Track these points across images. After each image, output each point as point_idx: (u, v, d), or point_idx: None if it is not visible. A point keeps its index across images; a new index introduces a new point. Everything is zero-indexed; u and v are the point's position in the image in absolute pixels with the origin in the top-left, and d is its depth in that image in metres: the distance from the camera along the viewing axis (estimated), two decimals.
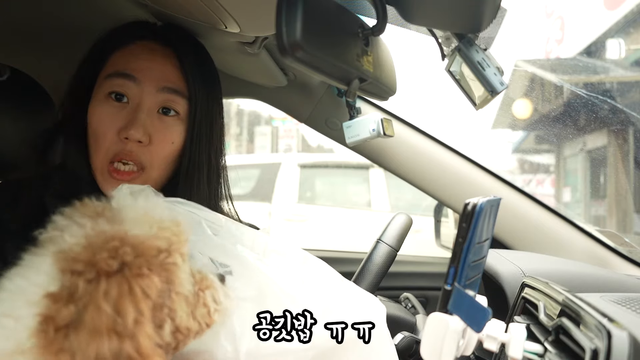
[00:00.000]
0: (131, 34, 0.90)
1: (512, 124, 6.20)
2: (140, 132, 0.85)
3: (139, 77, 0.86)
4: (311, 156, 7.29)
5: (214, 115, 0.94)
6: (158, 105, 0.88)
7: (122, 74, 0.86)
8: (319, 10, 0.51)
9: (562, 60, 7.13)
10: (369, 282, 1.21)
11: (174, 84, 0.88)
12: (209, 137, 0.93)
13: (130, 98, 0.87)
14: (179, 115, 0.89)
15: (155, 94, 0.87)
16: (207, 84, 0.93)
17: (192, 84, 0.89)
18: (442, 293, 0.55)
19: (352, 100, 1.31)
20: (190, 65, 0.90)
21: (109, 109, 0.87)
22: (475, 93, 0.78)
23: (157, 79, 0.87)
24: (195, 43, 0.95)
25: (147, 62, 0.87)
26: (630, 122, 4.66)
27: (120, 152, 0.86)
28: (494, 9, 0.62)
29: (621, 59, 5.81)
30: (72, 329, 0.49)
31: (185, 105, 0.89)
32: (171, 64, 0.89)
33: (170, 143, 0.89)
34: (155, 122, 0.87)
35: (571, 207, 6.80)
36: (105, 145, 0.86)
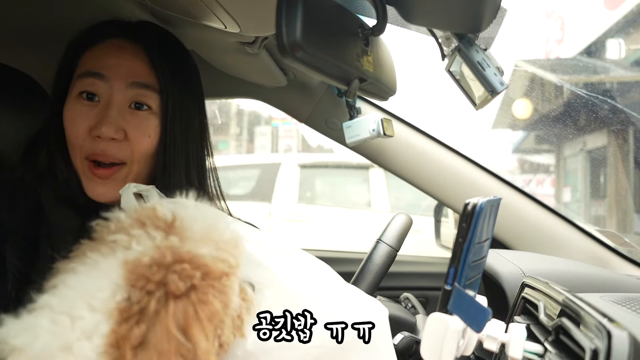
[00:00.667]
0: (101, 33, 0.90)
1: (512, 124, 6.20)
2: (111, 130, 0.84)
3: (107, 75, 0.86)
4: (311, 156, 7.28)
5: (189, 109, 0.92)
6: (129, 100, 0.87)
7: (91, 72, 0.86)
8: (319, 10, 0.51)
9: (562, 60, 7.13)
10: (369, 282, 1.21)
11: (143, 78, 0.87)
12: (184, 132, 0.91)
13: (100, 96, 0.86)
14: (151, 110, 0.88)
15: (124, 90, 0.86)
16: (180, 77, 0.91)
17: (162, 77, 0.88)
18: (442, 293, 0.55)
19: (352, 100, 1.31)
20: (160, 60, 0.89)
21: (80, 108, 0.86)
22: (475, 93, 0.78)
23: (126, 75, 0.86)
24: (166, 38, 0.94)
25: (116, 59, 0.87)
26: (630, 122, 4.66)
27: (94, 152, 0.86)
28: (494, 9, 0.62)
29: (621, 59, 5.81)
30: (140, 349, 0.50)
31: (157, 99, 0.88)
32: (140, 59, 0.88)
33: (147, 137, 0.88)
34: (128, 118, 0.87)
35: (571, 207, 6.80)
36: (78, 144, 0.86)
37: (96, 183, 0.86)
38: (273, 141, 10.91)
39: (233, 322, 0.59)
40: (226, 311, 0.57)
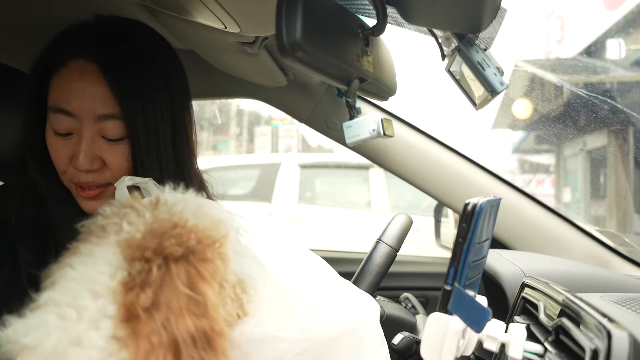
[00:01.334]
0: (63, 54, 0.88)
1: (512, 124, 6.20)
2: (87, 162, 0.86)
3: (74, 111, 0.86)
4: (311, 156, 7.28)
5: (160, 129, 0.90)
6: (99, 132, 0.88)
7: (59, 109, 0.87)
8: (319, 10, 0.51)
9: (562, 60, 7.13)
10: (369, 282, 1.21)
11: (106, 109, 0.86)
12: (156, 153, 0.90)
13: (72, 131, 0.88)
14: (122, 139, 0.88)
15: (93, 125, 0.87)
16: (144, 93, 0.88)
17: (125, 102, 0.87)
18: (442, 293, 0.55)
19: (352, 100, 1.31)
20: (120, 81, 0.87)
21: (58, 141, 0.89)
22: (475, 93, 0.78)
23: (91, 109, 0.86)
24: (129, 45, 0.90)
25: (79, 90, 0.86)
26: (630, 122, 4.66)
27: (77, 180, 0.88)
28: (494, 9, 0.62)
29: (621, 59, 5.81)
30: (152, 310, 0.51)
31: (123, 126, 0.87)
32: (101, 84, 0.86)
33: (125, 161, 0.89)
34: (103, 146, 0.88)
35: (571, 207, 6.80)
36: (62, 170, 0.90)
37: (86, 201, 0.90)
38: (273, 141, 10.91)
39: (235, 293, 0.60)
40: (226, 271, 0.58)
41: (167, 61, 0.94)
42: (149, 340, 0.50)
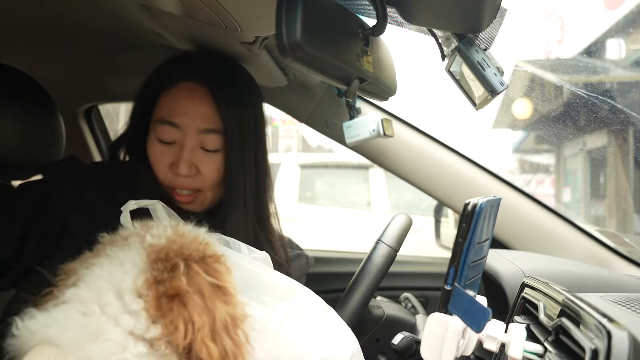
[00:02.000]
0: (174, 78, 1.04)
1: (512, 124, 6.20)
2: (186, 168, 1.01)
3: (180, 124, 1.02)
4: (311, 156, 7.28)
5: (247, 144, 1.06)
6: (199, 143, 1.03)
7: (167, 121, 1.02)
8: (319, 10, 0.51)
9: (562, 60, 7.13)
10: (368, 283, 1.21)
11: (210, 124, 1.02)
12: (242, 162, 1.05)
13: (175, 140, 1.03)
14: (218, 150, 1.04)
15: (195, 136, 1.02)
16: (240, 114, 1.05)
17: (226, 120, 1.03)
18: (442, 293, 0.55)
19: (352, 100, 1.31)
20: (223, 101, 1.03)
21: (160, 149, 1.04)
22: (475, 93, 0.78)
23: (195, 122, 1.02)
24: (231, 74, 1.08)
25: (187, 107, 1.02)
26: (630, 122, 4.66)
27: (175, 185, 1.04)
28: (494, 9, 0.62)
29: (621, 59, 5.81)
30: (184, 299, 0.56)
31: (222, 139, 1.03)
32: (207, 103, 1.02)
33: (215, 170, 1.04)
34: (200, 156, 1.03)
35: (571, 207, 6.80)
36: (161, 175, 1.04)
37: (179, 203, 1.05)
38: (273, 141, 10.91)
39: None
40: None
41: (252, 86, 1.12)
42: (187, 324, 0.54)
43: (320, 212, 5.17)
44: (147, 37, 1.17)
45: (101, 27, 1.19)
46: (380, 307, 1.33)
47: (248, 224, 1.08)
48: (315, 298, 0.85)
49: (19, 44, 1.28)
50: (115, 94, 1.63)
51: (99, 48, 1.32)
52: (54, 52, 1.35)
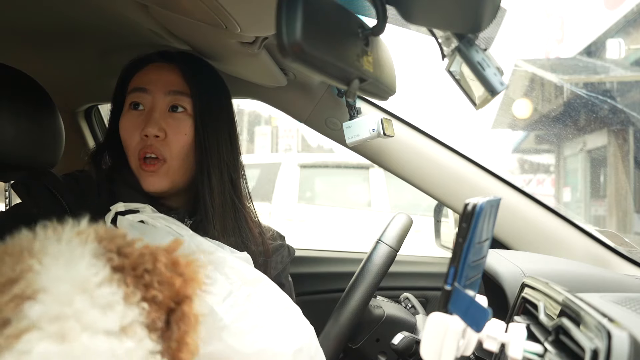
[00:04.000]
0: (146, 60, 1.12)
1: (512, 124, 6.20)
2: (155, 128, 1.04)
3: (149, 88, 1.07)
4: (311, 156, 7.28)
5: (217, 111, 1.11)
6: (167, 105, 1.07)
7: (137, 88, 1.08)
8: (319, 10, 0.51)
9: (562, 60, 7.13)
10: (368, 282, 1.21)
11: (177, 87, 1.08)
12: (214, 131, 1.09)
13: (145, 105, 1.07)
14: (186, 111, 1.08)
15: (163, 98, 1.07)
16: (207, 85, 1.11)
17: (192, 84, 1.08)
18: (442, 293, 0.55)
19: (352, 100, 1.31)
20: (190, 72, 1.09)
21: (131, 117, 1.08)
22: (475, 93, 0.78)
23: (164, 86, 1.07)
24: (195, 57, 1.15)
25: (156, 76, 1.09)
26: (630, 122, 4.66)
27: (144, 147, 1.05)
28: (494, 9, 0.62)
29: (621, 59, 5.81)
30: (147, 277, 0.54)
31: (190, 102, 1.08)
32: (175, 74, 1.09)
33: (183, 135, 1.06)
34: (168, 120, 1.06)
35: (571, 207, 6.80)
36: (132, 146, 1.06)
37: (147, 175, 1.06)
38: (273, 141, 10.91)
39: None
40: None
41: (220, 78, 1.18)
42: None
43: (320, 212, 5.18)
44: (147, 37, 1.17)
45: (101, 27, 1.19)
46: (380, 307, 1.33)
47: (227, 195, 1.09)
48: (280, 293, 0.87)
49: (19, 44, 1.28)
50: None
51: (99, 48, 1.32)
52: (54, 52, 1.35)
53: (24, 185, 1.07)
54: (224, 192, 1.09)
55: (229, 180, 1.11)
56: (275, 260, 1.20)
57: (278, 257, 1.21)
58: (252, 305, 0.79)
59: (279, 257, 1.22)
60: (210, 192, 1.07)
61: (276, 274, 1.19)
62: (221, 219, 1.08)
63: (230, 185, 1.11)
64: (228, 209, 1.09)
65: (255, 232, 1.15)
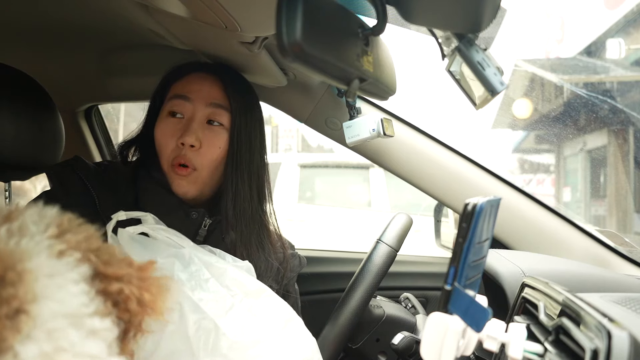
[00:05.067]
0: (187, 69, 1.13)
1: (512, 124, 6.20)
2: (192, 138, 1.06)
3: (191, 97, 1.09)
4: (311, 156, 7.28)
5: (251, 126, 1.13)
6: (206, 117, 1.09)
7: (178, 96, 1.10)
8: (319, 10, 0.51)
9: (562, 60, 7.13)
10: (369, 282, 1.21)
11: (218, 99, 1.10)
12: (249, 144, 1.12)
13: (184, 113, 1.09)
14: (223, 126, 1.10)
15: (204, 109, 1.09)
16: (244, 100, 1.13)
17: (232, 99, 1.11)
18: (442, 293, 0.55)
19: (352, 100, 1.31)
20: (231, 87, 1.12)
21: (169, 124, 1.09)
22: (475, 93, 0.78)
23: (205, 97, 1.09)
24: (234, 72, 1.17)
25: (198, 86, 1.10)
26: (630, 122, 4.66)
27: (178, 156, 1.07)
28: (494, 9, 0.62)
29: (621, 59, 5.81)
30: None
31: (228, 117, 1.10)
32: (217, 86, 1.11)
33: (217, 147, 1.09)
34: (205, 131, 1.08)
35: (571, 207, 6.80)
36: (167, 152, 1.08)
37: (179, 178, 1.08)
38: (273, 141, 10.92)
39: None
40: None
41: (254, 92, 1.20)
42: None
43: (320, 212, 5.17)
44: (147, 37, 1.17)
45: (101, 27, 1.19)
46: (380, 307, 1.33)
47: (253, 205, 1.12)
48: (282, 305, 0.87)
49: (19, 44, 1.28)
50: (115, 94, 1.63)
51: (99, 48, 1.33)
52: (54, 52, 1.35)
53: (56, 174, 1.09)
54: (252, 205, 1.12)
55: (257, 194, 1.14)
56: (287, 270, 1.22)
57: (289, 266, 1.23)
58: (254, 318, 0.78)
59: (291, 266, 1.24)
60: (233, 198, 1.09)
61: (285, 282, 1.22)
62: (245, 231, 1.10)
63: (257, 199, 1.14)
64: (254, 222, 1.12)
65: (276, 243, 1.19)
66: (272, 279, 1.16)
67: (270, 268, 1.15)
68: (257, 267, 1.06)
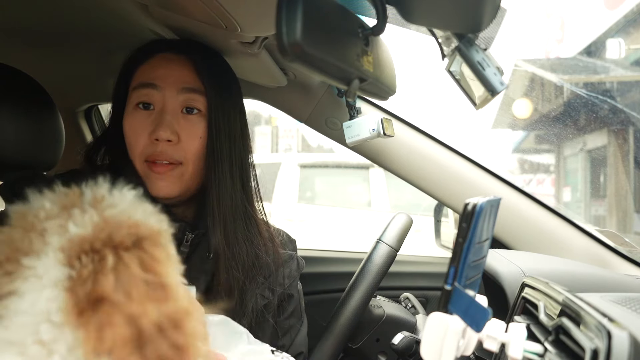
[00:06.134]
0: (151, 50, 1.01)
1: (512, 123, 6.20)
2: (167, 132, 0.94)
3: (159, 84, 0.96)
4: (311, 156, 7.29)
5: (230, 110, 1.02)
6: (180, 105, 0.98)
7: (145, 84, 0.97)
8: (319, 10, 0.51)
9: (562, 60, 7.13)
10: (369, 282, 1.21)
11: (191, 83, 0.98)
12: (228, 131, 1.00)
13: (155, 104, 0.97)
14: (201, 112, 0.99)
15: (176, 96, 0.97)
16: (221, 80, 1.01)
17: (207, 81, 0.98)
18: (442, 293, 0.55)
19: (352, 100, 1.31)
20: (204, 66, 0.99)
21: (139, 117, 0.97)
22: (475, 93, 0.78)
23: (176, 82, 0.97)
24: (207, 48, 1.04)
25: (166, 70, 0.97)
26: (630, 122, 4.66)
27: (153, 154, 0.95)
28: (494, 9, 0.62)
29: (621, 59, 5.81)
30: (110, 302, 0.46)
31: (204, 101, 0.98)
32: (187, 68, 0.98)
33: (198, 138, 0.98)
34: (181, 122, 0.97)
35: (571, 207, 6.80)
36: (139, 149, 0.97)
37: (156, 178, 0.96)
38: (273, 141, 10.92)
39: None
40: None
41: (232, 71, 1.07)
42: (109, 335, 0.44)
43: (320, 212, 5.18)
44: (147, 37, 1.17)
45: (101, 27, 1.19)
46: (380, 307, 1.33)
47: (237, 197, 1.01)
48: None
49: (19, 44, 1.28)
50: None
51: (98, 48, 1.32)
52: (54, 52, 1.35)
53: (9, 189, 0.98)
54: (235, 196, 1.01)
55: (240, 184, 1.03)
56: (283, 275, 1.11)
57: (286, 271, 1.13)
58: None
59: (287, 271, 1.13)
60: (218, 197, 0.98)
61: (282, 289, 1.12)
62: (230, 224, 0.99)
63: (241, 189, 1.03)
64: (238, 214, 1.02)
65: (266, 239, 1.08)
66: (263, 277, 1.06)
67: (260, 263, 1.04)
68: (243, 262, 0.99)
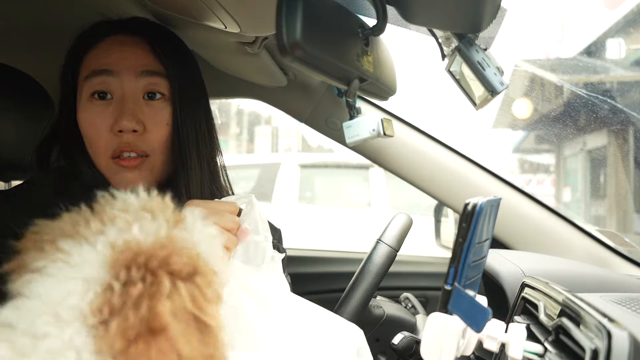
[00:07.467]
0: (99, 33, 0.90)
1: (512, 124, 6.20)
2: (132, 121, 0.84)
3: (115, 70, 0.86)
4: (311, 156, 7.28)
5: (192, 91, 0.93)
6: (142, 91, 0.88)
7: (98, 71, 0.86)
8: (319, 10, 0.51)
9: (562, 60, 7.13)
10: (368, 282, 1.21)
11: (150, 66, 0.88)
12: (193, 115, 0.92)
13: (113, 92, 0.87)
14: (165, 97, 0.89)
15: (135, 81, 0.87)
16: (181, 62, 0.93)
17: (167, 62, 0.89)
18: (442, 293, 0.55)
19: (352, 100, 1.31)
20: (161, 46, 0.90)
21: (96, 109, 0.86)
22: (475, 93, 0.78)
23: (133, 65, 0.87)
24: (162, 28, 0.95)
25: (120, 54, 0.87)
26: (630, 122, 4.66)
27: (119, 147, 0.86)
28: (494, 9, 0.62)
29: (621, 59, 5.81)
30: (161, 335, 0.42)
31: (168, 85, 0.89)
32: (143, 49, 0.89)
33: (164, 125, 0.89)
34: (145, 109, 0.87)
35: (571, 207, 6.80)
36: (101, 145, 0.86)
37: (125, 172, 0.86)
38: (273, 141, 10.92)
39: None
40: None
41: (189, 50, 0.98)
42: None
43: (320, 212, 5.17)
44: None
45: None
46: (380, 307, 1.33)
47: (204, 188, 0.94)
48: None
49: (19, 44, 1.28)
50: None
51: None
52: (54, 52, 1.35)
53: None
54: (203, 185, 0.94)
55: (208, 171, 0.95)
56: None
57: None
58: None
59: None
60: (187, 187, 0.91)
61: None
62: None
63: (209, 176, 0.96)
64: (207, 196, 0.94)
65: None
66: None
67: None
68: None
